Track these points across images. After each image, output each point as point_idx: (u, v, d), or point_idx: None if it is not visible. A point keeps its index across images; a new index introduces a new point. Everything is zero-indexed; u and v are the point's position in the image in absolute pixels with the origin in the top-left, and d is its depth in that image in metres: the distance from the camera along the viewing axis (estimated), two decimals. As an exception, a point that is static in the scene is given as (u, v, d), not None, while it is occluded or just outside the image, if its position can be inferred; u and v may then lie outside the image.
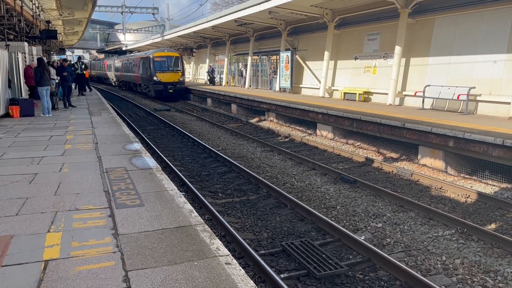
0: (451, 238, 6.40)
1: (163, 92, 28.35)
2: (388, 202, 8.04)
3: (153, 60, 28.33)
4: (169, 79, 28.34)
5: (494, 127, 10.10)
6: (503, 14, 12.71)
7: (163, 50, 30.71)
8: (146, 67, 29.50)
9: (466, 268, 5.43)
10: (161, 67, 28.47)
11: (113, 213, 4.71)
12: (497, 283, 5.03)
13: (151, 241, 3.94)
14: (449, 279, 5.11)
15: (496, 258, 5.72)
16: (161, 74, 28.27)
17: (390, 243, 6.25)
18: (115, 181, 5.95)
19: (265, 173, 10.18)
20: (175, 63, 29.32)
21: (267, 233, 6.59)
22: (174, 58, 29.32)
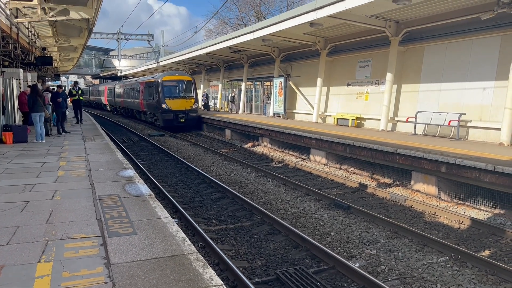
0: (445, 265, 6.38)
1: (173, 122, 24.68)
2: (382, 228, 8.03)
3: (161, 85, 24.81)
4: (180, 107, 24.78)
5: (485, 153, 10.21)
6: (491, 43, 13.04)
7: (173, 73, 26.90)
8: (153, 92, 25.92)
9: (461, 296, 5.40)
10: (171, 93, 25.00)
11: (105, 241, 4.66)
12: (493, 311, 5.00)
13: (144, 271, 3.89)
14: (444, 307, 5.07)
15: (491, 286, 5.69)
16: (171, 101, 24.73)
17: (384, 270, 6.21)
18: (108, 209, 5.91)
19: (259, 199, 10.16)
20: (187, 88, 25.73)
21: (261, 261, 6.54)
22: (186, 82, 25.72)
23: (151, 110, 26.99)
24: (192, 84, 25.81)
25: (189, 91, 25.68)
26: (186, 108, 24.90)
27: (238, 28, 45.01)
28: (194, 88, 25.85)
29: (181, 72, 28.22)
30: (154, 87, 25.62)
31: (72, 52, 35.36)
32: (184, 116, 24.78)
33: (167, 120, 24.79)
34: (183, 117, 24.77)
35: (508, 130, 11.80)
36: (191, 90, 25.72)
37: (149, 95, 26.92)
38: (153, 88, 25.80)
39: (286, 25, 16.68)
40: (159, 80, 25.16)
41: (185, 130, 25.71)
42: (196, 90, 26.36)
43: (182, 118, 24.72)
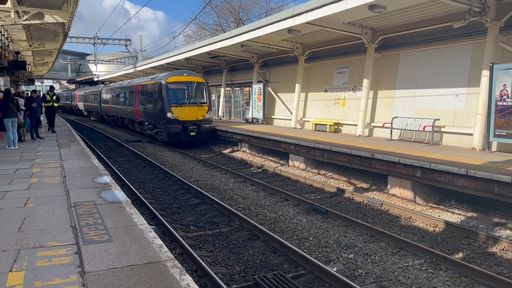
0: (420, 267, 6.49)
1: (180, 136, 19.65)
2: (359, 233, 8.12)
3: (166, 88, 19.79)
4: (190, 117, 19.74)
5: (458, 158, 10.47)
6: (463, 50, 13.42)
7: (180, 73, 21.41)
8: (154, 98, 20.81)
9: (435, 298, 5.50)
10: (178, 99, 20.01)
11: (80, 249, 4.57)
12: (466, 313, 5.10)
13: (119, 279, 3.83)
14: (419, 309, 5.15)
15: (465, 287, 5.82)
16: (179, 109, 19.66)
17: (362, 274, 6.28)
18: (83, 216, 5.80)
19: (237, 205, 10.14)
20: (199, 92, 20.70)
21: (240, 267, 6.52)
22: (196, 84, 20.57)
23: (151, 120, 21.81)
24: (204, 87, 20.85)
25: (201, 96, 20.76)
26: (197, 118, 19.87)
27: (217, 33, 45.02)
28: (207, 92, 20.93)
29: (190, 72, 21.93)
30: (156, 91, 20.58)
31: (47, 57, 34.67)
32: (195, 129, 19.81)
33: (173, 134, 19.64)
34: (194, 129, 19.73)
35: (479, 135, 12.13)
36: (203, 95, 20.79)
37: (147, 101, 22.02)
38: (154, 92, 20.81)
39: (265, 31, 16.78)
40: (162, 81, 20.06)
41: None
42: (210, 94, 21.38)
43: (192, 131, 19.67)
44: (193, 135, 19.81)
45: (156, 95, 20.55)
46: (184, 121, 19.64)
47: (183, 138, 19.81)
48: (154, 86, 21.04)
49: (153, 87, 21.18)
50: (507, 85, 11.13)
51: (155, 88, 20.77)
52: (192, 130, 19.73)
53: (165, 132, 19.90)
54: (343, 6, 12.43)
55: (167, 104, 19.65)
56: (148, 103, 21.83)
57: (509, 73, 11.09)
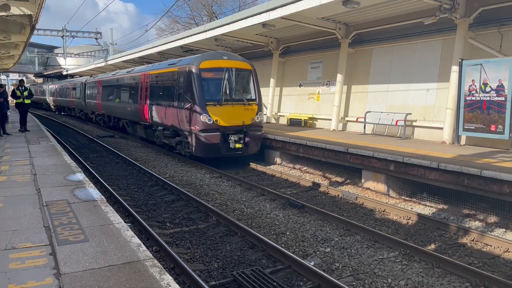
0: (395, 260, 6.64)
1: (219, 149, 13.57)
2: (335, 226, 8.23)
3: (198, 77, 13.58)
4: (234, 120, 13.74)
5: (429, 151, 10.74)
6: (434, 46, 13.74)
7: (218, 55, 14.54)
8: (177, 92, 14.65)
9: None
10: (216, 94, 13.79)
11: (54, 250, 4.45)
12: (439, 303, 5.26)
13: (97, 280, 3.75)
14: (395, 301, 5.28)
15: (437, 278, 5.99)
16: (218, 110, 13.53)
17: (338, 267, 6.37)
18: (56, 215, 5.65)
19: (214, 201, 10.10)
20: (245, 83, 14.71)
21: (218, 263, 6.50)
22: (241, 73, 14.48)
23: (171, 124, 15.26)
24: (252, 76, 14.61)
25: (248, 89, 14.70)
26: (244, 123, 13.79)
27: (190, 27, 44.53)
28: (255, 84, 14.61)
29: (231, 54, 15.08)
30: (181, 82, 14.29)
31: (13, 49, 33.38)
32: (241, 139, 13.80)
33: (209, 147, 13.45)
34: (239, 140, 13.75)
35: (449, 129, 12.47)
36: (251, 88, 14.67)
37: (164, 96, 15.89)
38: (178, 83, 14.53)
39: (239, 25, 16.69)
40: (192, 68, 13.72)
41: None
42: (259, 87, 14.82)
43: (238, 141, 13.70)
44: (239, 147, 13.61)
45: (180, 88, 14.30)
46: (225, 127, 13.48)
47: (224, 153, 13.59)
48: (177, 75, 14.64)
49: (174, 77, 14.85)
50: (476, 81, 11.47)
51: (180, 77, 14.41)
52: (237, 140, 13.60)
53: (197, 144, 13.49)
54: (317, 1, 12.49)
55: (201, 101, 13.29)
56: (165, 99, 15.65)
57: (477, 68, 11.43)
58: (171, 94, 15.24)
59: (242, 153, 13.91)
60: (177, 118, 14.57)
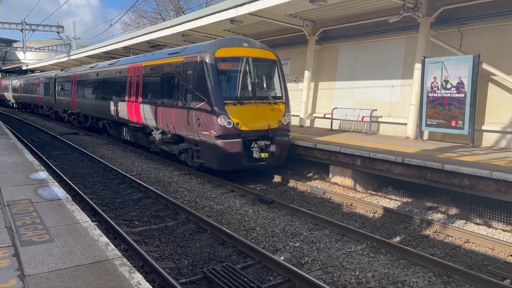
0: (362, 252, 6.80)
1: (241, 160, 10.94)
2: (304, 221, 8.34)
3: (214, 69, 10.96)
4: (257, 124, 11.23)
5: (394, 146, 11.04)
6: (398, 44, 14.11)
7: (236, 42, 11.79)
8: (183, 88, 11.93)
9: (377, 280, 5.79)
10: (233, 90, 11.32)
11: (17, 251, 4.30)
12: (405, 293, 5.43)
13: (64, 281, 3.65)
14: (363, 292, 5.41)
15: (402, 269, 6.18)
16: (238, 110, 10.97)
17: (308, 261, 6.46)
18: (18, 216, 5.45)
19: (183, 198, 10.01)
20: (269, 77, 12.13)
21: (188, 260, 6.46)
22: (265, 64, 12.00)
23: (177, 131, 12.38)
24: (277, 69, 12.06)
25: (273, 84, 12.09)
26: (270, 126, 11.30)
27: (156, 22, 43.78)
28: (281, 78, 12.07)
29: (251, 41, 12.06)
30: (190, 75, 11.62)
31: (-32, 43, 31.85)
32: (267, 146, 11.25)
33: (228, 157, 10.80)
34: (265, 147, 11.18)
35: (413, 124, 12.86)
36: (275, 83, 12.08)
37: (165, 93, 13.14)
38: (185, 77, 11.84)
39: (207, 21, 16.54)
40: (206, 57, 10.99)
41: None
42: (285, 82, 12.35)
43: (264, 149, 11.11)
44: (264, 157, 11.01)
45: (188, 83, 11.58)
46: (248, 132, 10.96)
47: (246, 164, 11.03)
48: (183, 67, 11.87)
49: (179, 69, 12.07)
50: (437, 78, 11.87)
51: (187, 69, 11.68)
52: (263, 148, 11.07)
53: (212, 153, 10.90)
54: (285, -2, 12.55)
55: (218, 100, 10.67)
56: (165, 97, 13.00)
57: (439, 66, 11.83)
58: (173, 90, 12.52)
59: (267, 163, 11.32)
60: (182, 121, 11.79)
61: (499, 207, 8.07)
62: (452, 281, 5.76)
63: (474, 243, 7.16)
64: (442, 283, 5.70)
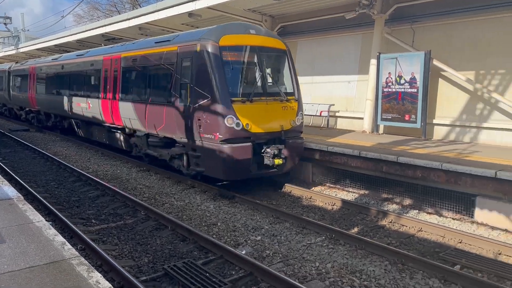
0: (322, 244, 6.96)
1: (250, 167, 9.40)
2: (265, 215, 8.41)
3: (218, 60, 9.27)
4: (269, 125, 9.63)
5: (351, 140, 11.33)
6: (354, 40, 14.46)
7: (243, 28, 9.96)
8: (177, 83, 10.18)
9: (336, 271, 5.95)
10: (241, 86, 9.74)
11: (-35, 254, 4.07)
12: (362, 282, 5.61)
13: (18, 283, 3.50)
14: (322, 283, 5.54)
15: (360, 259, 6.38)
16: (246, 109, 9.33)
17: (269, 254, 6.53)
18: (-35, 217, 5.16)
19: (142, 195, 9.83)
20: (280, 70, 10.70)
21: (148, 258, 6.36)
22: (275, 54, 10.49)
23: (168, 133, 10.72)
24: (288, 60, 10.57)
25: (284, 78, 10.64)
26: (283, 128, 9.84)
27: (111, 14, 42.48)
28: (292, 71, 10.56)
29: (257, 28, 10.42)
30: (188, 67, 9.90)
31: None
32: (280, 151, 9.68)
33: (236, 164, 9.16)
34: (278, 153, 9.63)
35: (369, 119, 13.25)
36: (286, 77, 10.64)
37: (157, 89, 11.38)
38: (183, 69, 10.08)
39: (165, 14, 16.25)
40: (208, 45, 9.37)
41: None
42: (296, 74, 10.80)
43: (277, 155, 9.57)
44: (278, 164, 9.51)
45: (185, 77, 9.92)
46: (259, 135, 9.44)
47: (255, 172, 9.61)
48: (177, 58, 10.18)
49: (172, 60, 10.39)
50: (392, 73, 12.28)
51: (183, 60, 10.02)
52: (276, 154, 9.53)
53: (217, 160, 9.21)
54: (244, -8, 12.54)
55: (224, 97, 9.10)
56: (153, 94, 11.32)
57: (393, 62, 12.24)
58: (163, 85, 10.95)
59: (279, 170, 9.83)
60: (176, 122, 10.10)
61: (449, 197, 8.50)
62: (407, 268, 6.01)
63: (427, 232, 7.49)
64: (397, 271, 5.93)
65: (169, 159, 11.04)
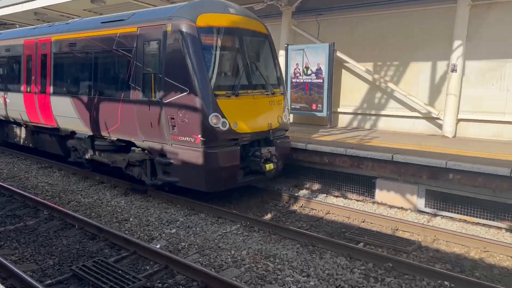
0: (237, 232, 7.06)
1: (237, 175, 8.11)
2: (180, 207, 8.30)
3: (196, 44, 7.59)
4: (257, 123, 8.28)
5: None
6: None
7: (221, 5, 8.29)
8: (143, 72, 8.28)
9: (251, 257, 6.08)
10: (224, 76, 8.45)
11: None
12: (276, 266, 5.81)
13: None
14: (238, 270, 5.63)
15: (274, 244, 6.59)
16: (232, 104, 7.86)
17: (185, 246, 6.48)
18: None
19: (44, 193, 9.14)
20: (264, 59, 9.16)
21: (53, 260, 5.96)
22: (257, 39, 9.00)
23: (125, 134, 8.96)
24: (271, 47, 9.23)
25: (267, 68, 9.15)
26: (271, 126, 8.53)
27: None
28: (275, 60, 9.30)
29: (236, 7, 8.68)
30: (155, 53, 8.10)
31: None
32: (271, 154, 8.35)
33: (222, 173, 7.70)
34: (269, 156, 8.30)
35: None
36: (270, 67, 9.18)
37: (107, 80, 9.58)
38: (146, 55, 8.29)
39: (63, -2, 15.10)
40: (182, 25, 7.64)
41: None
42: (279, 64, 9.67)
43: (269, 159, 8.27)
44: (269, 170, 8.27)
45: (151, 65, 8.27)
46: (246, 136, 8.11)
47: (241, 180, 8.27)
48: (140, 40, 8.39)
49: (133, 43, 8.51)
50: (299, 64, 12.74)
51: (147, 44, 8.27)
52: (268, 158, 8.30)
53: (198, 169, 7.66)
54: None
55: (206, 89, 7.59)
56: (104, 86, 9.47)
57: (300, 53, 12.69)
58: (117, 76, 9.26)
59: (267, 176, 8.74)
60: (138, 121, 8.37)
61: (353, 180, 9.12)
62: (317, 249, 6.34)
63: (334, 214, 7.96)
64: (308, 252, 6.23)
65: (124, 166, 9.11)
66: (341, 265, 5.79)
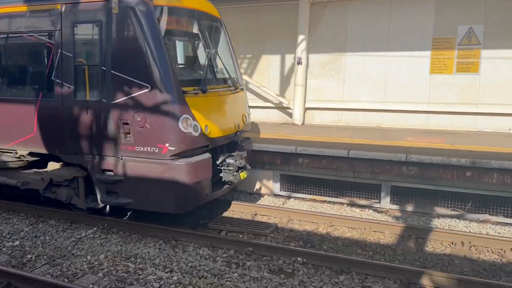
0: (94, 236, 6.60)
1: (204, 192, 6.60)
2: (24, 216, 7.43)
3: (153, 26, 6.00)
4: (226, 125, 7.04)
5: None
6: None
7: None
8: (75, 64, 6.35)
9: (110, 260, 5.74)
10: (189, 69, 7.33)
11: None
12: (138, 265, 5.60)
13: None
14: (95, 276, 5.27)
15: (135, 243, 6.34)
16: (201, 103, 6.46)
17: (31, 258, 5.82)
18: None
19: None
20: (221, 48, 7.59)
21: None
22: (213, 24, 7.47)
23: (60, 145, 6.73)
24: (225, 33, 7.83)
25: (226, 59, 7.67)
26: (238, 128, 7.40)
27: None
28: (231, 48, 7.94)
29: None
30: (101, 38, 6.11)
31: None
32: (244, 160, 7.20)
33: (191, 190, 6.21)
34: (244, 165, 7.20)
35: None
36: (227, 57, 7.74)
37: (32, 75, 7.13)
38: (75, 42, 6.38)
39: None
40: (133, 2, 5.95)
41: None
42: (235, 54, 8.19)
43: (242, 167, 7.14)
44: (243, 179, 7.36)
45: (91, 54, 6.54)
46: (216, 140, 6.76)
47: (210, 194, 6.79)
48: (65, 21, 6.39)
49: (56, 25, 6.47)
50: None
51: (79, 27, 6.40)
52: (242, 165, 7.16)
53: (166, 187, 6.15)
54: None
55: (172, 85, 6.02)
56: (12, 84, 7.39)
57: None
58: (31, 70, 7.23)
59: (232, 186, 7.43)
60: (69, 128, 6.52)
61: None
62: (180, 243, 6.30)
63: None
64: (171, 247, 6.15)
65: (44, 188, 6.97)
66: (204, 256, 5.85)
